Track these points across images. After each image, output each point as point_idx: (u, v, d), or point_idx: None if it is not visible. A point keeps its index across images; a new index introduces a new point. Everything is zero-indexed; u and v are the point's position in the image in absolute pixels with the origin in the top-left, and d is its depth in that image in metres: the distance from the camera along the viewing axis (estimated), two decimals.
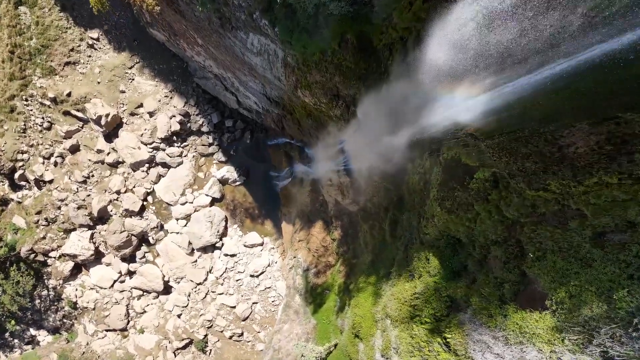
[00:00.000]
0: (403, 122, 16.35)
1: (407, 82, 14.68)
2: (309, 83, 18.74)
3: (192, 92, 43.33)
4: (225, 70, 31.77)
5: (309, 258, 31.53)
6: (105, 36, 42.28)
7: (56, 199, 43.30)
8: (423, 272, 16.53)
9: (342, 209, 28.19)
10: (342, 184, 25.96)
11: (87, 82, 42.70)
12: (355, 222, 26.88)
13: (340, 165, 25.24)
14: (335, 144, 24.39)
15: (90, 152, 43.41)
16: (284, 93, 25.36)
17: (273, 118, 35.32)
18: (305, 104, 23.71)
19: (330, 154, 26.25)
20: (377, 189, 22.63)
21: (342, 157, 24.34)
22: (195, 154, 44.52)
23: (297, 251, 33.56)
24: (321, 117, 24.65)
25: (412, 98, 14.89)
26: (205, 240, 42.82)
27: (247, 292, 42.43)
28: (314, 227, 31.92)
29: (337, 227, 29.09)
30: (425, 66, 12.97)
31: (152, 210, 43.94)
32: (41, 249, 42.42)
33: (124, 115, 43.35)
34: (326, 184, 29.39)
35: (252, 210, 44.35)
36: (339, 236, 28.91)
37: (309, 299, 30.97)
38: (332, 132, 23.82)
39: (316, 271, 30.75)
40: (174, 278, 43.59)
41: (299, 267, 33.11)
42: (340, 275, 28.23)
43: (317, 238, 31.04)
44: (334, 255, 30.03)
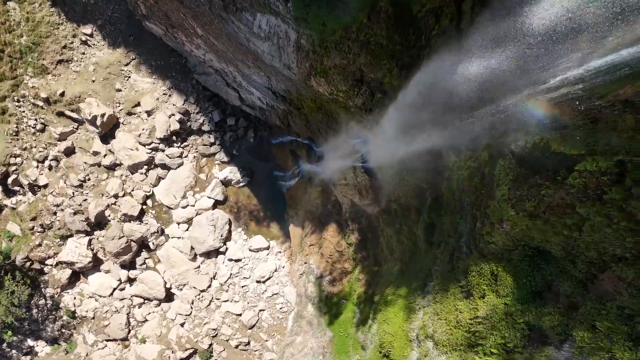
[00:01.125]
0: (450, 106, 13.85)
1: (469, 54, 12.02)
2: (325, 69, 16.56)
3: (192, 89, 41.35)
4: (227, 63, 29.68)
5: (322, 264, 29.33)
6: (99, 32, 40.28)
7: (51, 204, 41.63)
8: (487, 290, 13.74)
9: (359, 211, 25.99)
10: (359, 183, 23.80)
11: (81, 80, 40.72)
12: (376, 226, 24.68)
13: (357, 162, 23.05)
14: (352, 138, 22.20)
15: (86, 155, 41.56)
16: (293, 85, 23.24)
17: (278, 114, 33.22)
18: (317, 96, 21.59)
19: (345, 150, 24.08)
20: (405, 188, 20.25)
21: (360, 153, 22.13)
22: (196, 154, 42.63)
23: (309, 256, 31.36)
24: (334, 111, 22.56)
25: (473, 74, 12.13)
26: (209, 245, 40.97)
27: (253, 298, 40.51)
28: (327, 230, 29.70)
29: (353, 231, 26.85)
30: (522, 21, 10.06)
31: (151, 215, 42.14)
32: (37, 257, 40.72)
33: (121, 115, 41.39)
34: (340, 183, 27.17)
35: (257, 213, 42.46)
36: (356, 240, 26.66)
37: (323, 309, 28.80)
38: (349, 125, 21.67)
39: (331, 279, 28.52)
40: (176, 285, 41.84)
41: (310, 274, 30.91)
42: (360, 284, 26.01)
43: (330, 242, 28.83)
44: (350, 261, 27.81)
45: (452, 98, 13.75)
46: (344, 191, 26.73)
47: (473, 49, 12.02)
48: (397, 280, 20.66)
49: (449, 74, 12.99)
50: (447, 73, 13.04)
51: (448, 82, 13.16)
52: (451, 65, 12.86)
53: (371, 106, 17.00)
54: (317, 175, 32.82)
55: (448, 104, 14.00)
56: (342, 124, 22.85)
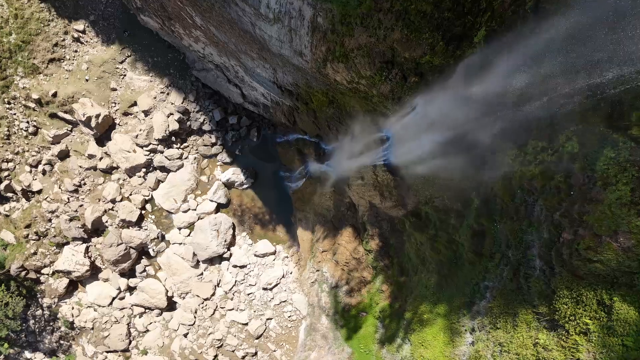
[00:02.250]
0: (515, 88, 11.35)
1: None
2: (345, 51, 14.34)
3: (191, 86, 39.31)
4: (229, 57, 27.56)
5: (337, 272, 27.04)
6: (92, 28, 38.22)
7: (46, 210, 39.95)
8: (593, 325, 10.58)
9: (380, 214, 23.71)
10: (380, 183, 21.56)
11: (74, 80, 38.72)
12: (400, 231, 22.41)
13: (378, 160, 20.81)
14: (372, 133, 19.99)
15: (81, 158, 39.74)
16: (302, 77, 21.12)
17: (283, 111, 31.12)
18: (331, 87, 19.47)
19: (362, 147, 21.85)
20: (442, 189, 17.78)
21: (382, 150, 19.92)
22: (197, 155, 40.71)
23: (321, 263, 29.08)
24: (349, 104, 20.43)
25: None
26: (212, 251, 39.05)
27: (259, 307, 38.52)
28: (341, 235, 27.41)
29: (373, 236, 24.53)
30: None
31: (151, 220, 40.33)
32: (32, 266, 38.94)
33: (117, 115, 39.42)
34: (355, 184, 24.90)
35: (262, 216, 40.51)
36: (377, 247, 24.35)
37: (339, 322, 26.52)
38: (367, 119, 19.47)
39: (349, 289, 26.20)
40: (178, 293, 40.03)
41: (324, 283, 28.65)
42: (383, 296, 23.74)
43: (346, 248, 26.53)
44: (370, 269, 25.51)
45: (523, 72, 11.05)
46: (361, 192, 24.44)
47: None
48: (433, 295, 18.29)
49: (523, 39, 10.34)
50: (519, 38, 10.37)
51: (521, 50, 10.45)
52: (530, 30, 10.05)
53: (401, 94, 14.78)
54: (328, 175, 30.62)
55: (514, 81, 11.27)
56: (357, 119, 20.67)
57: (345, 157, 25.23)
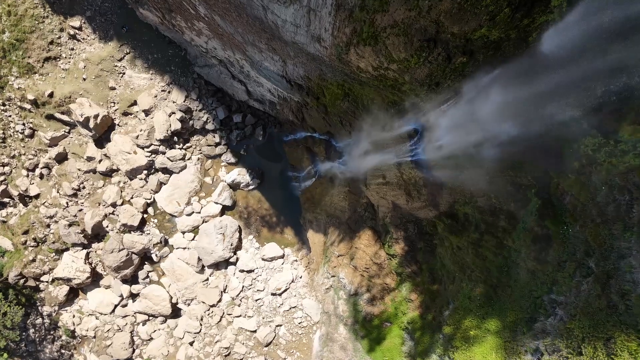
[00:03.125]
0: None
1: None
2: (376, 31, 12.59)
3: (193, 84, 37.70)
4: (234, 50, 25.91)
5: (356, 279, 25.25)
6: (88, 24, 36.62)
7: (44, 216, 38.61)
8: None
9: (404, 215, 21.89)
10: (407, 182, 19.79)
11: (70, 79, 37.15)
12: (431, 234, 20.64)
13: (404, 157, 19.07)
14: (398, 126, 18.25)
15: (80, 161, 38.28)
16: (316, 67, 19.48)
17: (291, 108, 29.49)
18: (349, 77, 17.81)
19: (384, 142, 20.10)
20: (489, 186, 15.90)
21: (410, 144, 18.16)
22: (200, 156, 39.18)
23: (337, 269, 27.29)
24: (367, 96, 18.74)
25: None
26: (217, 256, 37.52)
27: (268, 313, 36.94)
28: (359, 238, 25.64)
29: (397, 240, 22.73)
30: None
31: (153, 224, 38.83)
32: (31, 273, 37.73)
33: (116, 115, 37.85)
34: (375, 183, 23.14)
35: (269, 218, 38.97)
36: (402, 251, 22.55)
37: (360, 332, 24.75)
38: (392, 110, 17.76)
39: (370, 297, 24.43)
40: (182, 300, 38.54)
41: (341, 289, 26.86)
42: (411, 305, 21.93)
43: (365, 253, 24.77)
44: (393, 275, 23.71)
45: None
46: (382, 192, 22.68)
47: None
48: (480, 308, 16.51)
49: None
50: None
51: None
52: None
53: (441, 78, 13.04)
54: (340, 174, 28.93)
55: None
56: (376, 112, 18.97)
57: (362, 154, 23.50)
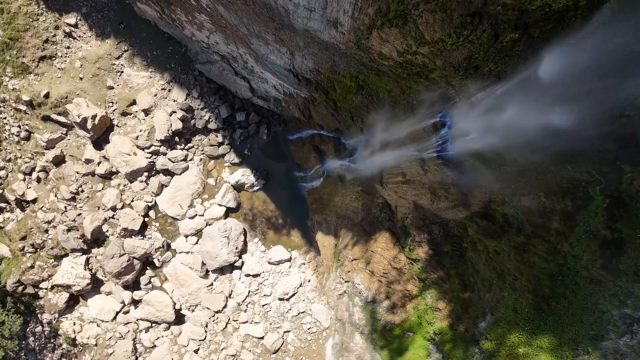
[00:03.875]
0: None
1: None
2: (405, 10, 11.08)
3: (195, 81, 36.30)
4: (237, 44, 24.52)
5: (373, 284, 23.69)
6: (84, 21, 35.22)
7: (42, 221, 37.34)
8: None
9: (428, 216, 20.33)
10: (432, 180, 18.29)
11: (67, 79, 35.77)
12: (459, 236, 19.17)
13: (430, 152, 17.60)
14: (422, 119, 16.78)
15: (78, 163, 36.97)
16: (328, 58, 18.09)
17: (298, 104, 28.10)
18: (366, 67, 16.38)
19: (403, 137, 18.64)
20: (537, 182, 14.32)
21: (436, 138, 16.70)
22: (203, 156, 37.82)
23: (352, 274, 25.77)
24: (383, 88, 17.30)
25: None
26: (222, 260, 36.15)
27: (276, 319, 35.57)
28: (375, 241, 24.13)
29: (420, 243, 21.16)
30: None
31: (155, 228, 37.51)
32: (30, 280, 36.50)
33: (115, 115, 36.47)
34: (393, 181, 21.65)
35: (275, 220, 37.59)
36: (426, 256, 21.00)
37: (379, 341, 23.21)
38: (414, 102, 16.33)
39: (390, 304, 22.85)
40: (187, 306, 37.22)
41: (356, 296, 25.32)
42: (440, 315, 20.39)
43: (382, 257, 23.23)
44: (415, 281, 22.17)
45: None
46: (402, 191, 21.19)
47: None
48: (529, 322, 14.93)
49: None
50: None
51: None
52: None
53: (482, 61, 11.54)
54: (351, 173, 27.50)
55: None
56: (394, 105, 17.55)
57: (376, 151, 22.07)
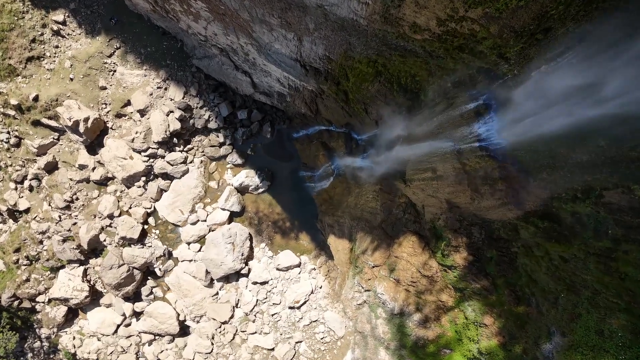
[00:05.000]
0: None
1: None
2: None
3: (192, 78, 34.15)
4: (238, 33, 22.36)
5: (399, 295, 21.25)
6: (73, 18, 33.10)
7: (36, 231, 35.41)
8: None
9: (466, 217, 17.88)
10: (472, 174, 15.94)
11: (56, 80, 33.68)
12: (506, 239, 16.84)
13: (470, 141, 15.29)
14: (460, 104, 14.52)
15: (71, 170, 34.93)
16: (342, 43, 15.93)
17: (304, 98, 25.96)
18: (389, 48, 14.18)
19: (433, 127, 16.39)
20: (630, 173, 11.90)
21: (478, 126, 14.44)
22: (204, 158, 35.73)
23: (373, 282, 23.41)
24: (407, 72, 15.13)
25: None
26: (227, 267, 34.09)
27: (287, 328, 33.44)
28: (400, 245, 21.75)
29: (457, 247, 18.65)
30: None
31: (155, 235, 35.49)
32: (26, 294, 34.83)
33: (108, 117, 34.34)
34: (420, 178, 19.34)
35: (283, 223, 35.49)
36: (464, 262, 18.63)
37: (408, 359, 20.86)
38: (447, 84, 14.14)
39: (422, 318, 20.41)
40: (191, 317, 35.20)
41: (379, 307, 22.95)
42: (486, 331, 17.99)
43: (409, 263, 20.83)
44: (450, 291, 19.77)
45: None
46: (431, 189, 18.77)
47: None
48: (623, 349, 12.59)
49: None
50: None
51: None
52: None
53: (557, 22, 9.46)
54: (366, 171, 25.30)
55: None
56: (419, 91, 15.36)
57: (397, 145, 19.85)
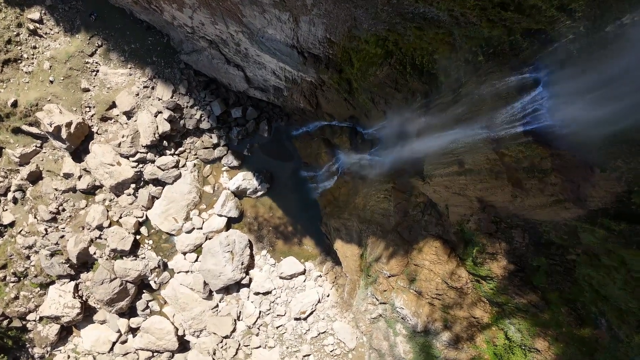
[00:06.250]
0: None
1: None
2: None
3: (181, 75, 31.81)
4: (227, 20, 19.96)
5: (422, 309, 18.40)
6: (50, 15, 30.76)
7: (22, 246, 33.48)
8: None
9: (505, 218, 14.99)
10: (514, 166, 13.18)
11: (36, 83, 31.38)
12: (563, 245, 14.09)
13: (511, 126, 12.55)
14: (497, 81, 11.91)
15: (56, 179, 32.73)
16: (345, 19, 13.50)
17: (303, 91, 23.59)
18: (404, 19, 11.68)
19: (459, 112, 13.79)
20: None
21: (523, 105, 11.74)
22: (197, 161, 33.56)
23: (389, 294, 20.65)
24: (425, 49, 12.72)
25: None
26: (227, 278, 31.86)
27: (293, 341, 31.12)
28: (419, 251, 18.93)
29: (494, 255, 15.75)
30: None
31: (148, 246, 33.39)
32: (15, 313, 33.03)
33: (93, 121, 32.06)
34: (443, 173, 16.65)
35: (284, 228, 33.22)
36: (503, 272, 15.76)
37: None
38: (479, 57, 11.64)
39: (452, 337, 17.65)
40: (190, 332, 33.04)
41: (398, 322, 20.14)
42: (539, 358, 15.24)
43: (433, 273, 17.98)
44: (485, 306, 16.90)
45: None
46: (457, 186, 15.97)
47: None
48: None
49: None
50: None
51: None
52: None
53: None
54: (375, 168, 22.82)
55: None
56: (440, 71, 12.91)
57: (411, 137, 17.36)
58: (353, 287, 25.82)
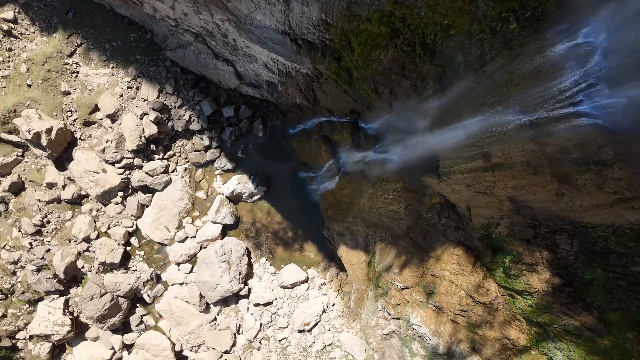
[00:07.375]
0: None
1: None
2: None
3: (167, 73, 29.79)
4: (211, 8, 17.89)
5: (444, 327, 15.87)
6: (24, 14, 28.76)
7: (7, 262, 31.92)
8: None
9: (544, 221, 12.45)
10: (557, 158, 10.89)
11: (13, 88, 29.43)
12: (626, 253, 11.32)
13: (553, 107, 10.05)
14: (534, 53, 9.59)
15: (40, 189, 30.91)
16: None
17: (299, 85, 21.52)
18: None
19: (483, 95, 11.55)
20: None
21: (575, 78, 9.43)
22: (188, 165, 31.85)
23: (403, 308, 18.25)
24: (440, 24, 10.58)
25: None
26: (224, 289, 29.93)
27: (297, 355, 29.13)
28: (437, 260, 16.52)
29: (533, 265, 13.25)
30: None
31: (140, 257, 31.52)
32: (4, 332, 31.74)
33: (76, 126, 30.10)
34: (463, 169, 14.39)
35: (284, 233, 31.25)
36: (545, 286, 13.18)
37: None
38: (512, 24, 9.48)
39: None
40: (188, 347, 31.26)
41: (414, 341, 17.75)
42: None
43: (455, 285, 15.49)
44: (522, 325, 14.26)
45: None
46: (482, 183, 13.47)
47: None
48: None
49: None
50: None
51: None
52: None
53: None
54: (381, 166, 20.65)
55: None
56: (451, 54, 10.75)
57: (423, 129, 15.22)
58: (360, 296, 23.67)
